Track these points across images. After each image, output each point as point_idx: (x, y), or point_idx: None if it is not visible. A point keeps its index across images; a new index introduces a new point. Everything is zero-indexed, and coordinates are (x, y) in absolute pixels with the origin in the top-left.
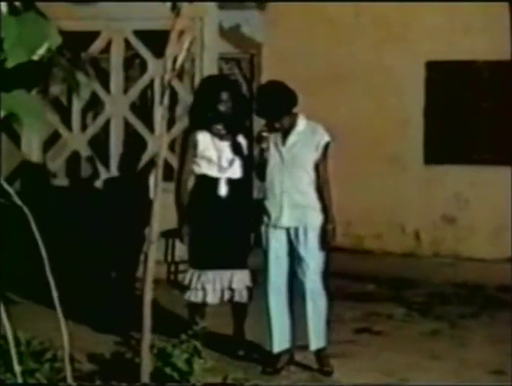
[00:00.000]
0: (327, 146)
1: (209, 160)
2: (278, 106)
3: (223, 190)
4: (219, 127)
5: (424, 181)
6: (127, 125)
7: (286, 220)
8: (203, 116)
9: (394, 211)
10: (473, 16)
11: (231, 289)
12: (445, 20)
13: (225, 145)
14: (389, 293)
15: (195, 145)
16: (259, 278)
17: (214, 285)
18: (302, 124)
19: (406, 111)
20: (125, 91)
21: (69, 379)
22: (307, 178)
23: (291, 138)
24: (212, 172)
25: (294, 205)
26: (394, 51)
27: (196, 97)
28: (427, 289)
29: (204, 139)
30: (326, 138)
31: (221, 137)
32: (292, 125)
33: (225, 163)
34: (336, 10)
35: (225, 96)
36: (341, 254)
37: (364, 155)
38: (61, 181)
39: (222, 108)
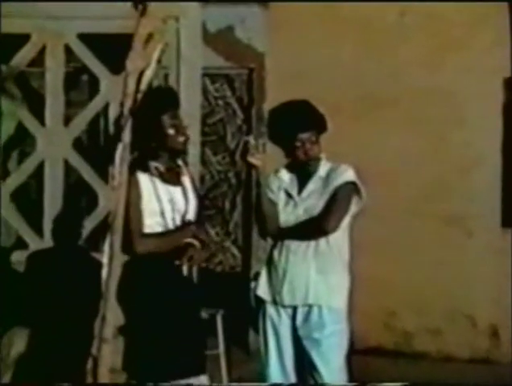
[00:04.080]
0: (346, 188)
1: (153, 214)
2: (303, 130)
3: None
4: (161, 164)
5: (501, 252)
6: (69, 171)
7: (290, 297)
8: (142, 147)
9: (458, 295)
10: None
11: None
12: None
13: (177, 191)
14: None
15: (139, 194)
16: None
17: None
18: (324, 168)
19: (475, 150)
20: (67, 121)
21: None
22: (324, 242)
23: (310, 186)
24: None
25: (303, 276)
26: (456, 64)
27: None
28: None
29: (146, 185)
30: (344, 178)
31: (166, 179)
32: (314, 169)
33: (176, 217)
34: (370, 9)
35: (171, 116)
36: (381, 358)
37: (410, 213)
38: None
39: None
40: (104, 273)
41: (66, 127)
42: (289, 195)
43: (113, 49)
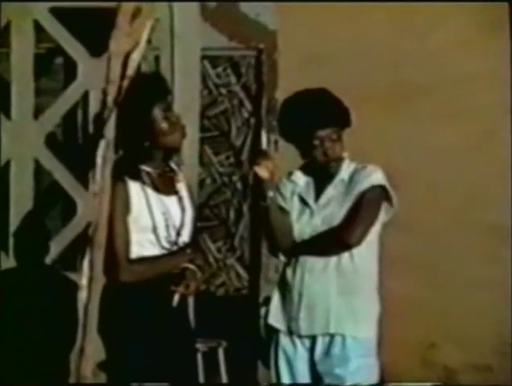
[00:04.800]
0: (373, 193)
1: (144, 230)
2: (322, 126)
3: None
4: (152, 169)
5: None
6: (40, 174)
7: (307, 325)
8: (129, 145)
9: (510, 323)
10: None
11: None
12: None
13: (171, 202)
14: None
15: (127, 206)
16: None
17: None
18: (348, 169)
19: None
20: (37, 114)
21: None
22: (347, 258)
23: (330, 191)
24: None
25: (323, 299)
26: (504, 47)
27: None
28: None
29: (137, 195)
30: (371, 181)
31: (159, 187)
32: (334, 170)
33: (171, 234)
34: None
35: (163, 108)
36: None
37: (451, 223)
38: None
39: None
40: (82, 297)
41: (36, 120)
42: (304, 203)
43: (92, 26)
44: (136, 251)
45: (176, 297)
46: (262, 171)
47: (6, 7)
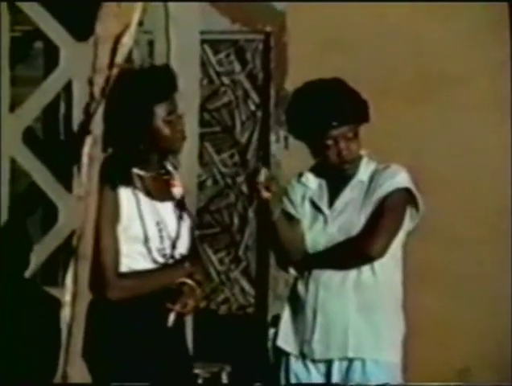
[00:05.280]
0: (397, 197)
1: (134, 241)
2: (337, 123)
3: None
4: (145, 172)
5: None
6: (17, 174)
7: (322, 347)
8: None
9: None
10: None
11: None
12: None
13: (166, 209)
14: None
15: (116, 213)
16: None
17: None
18: (367, 169)
19: None
20: (13, 106)
21: None
22: (368, 271)
23: (347, 195)
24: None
25: (340, 318)
26: None
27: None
28: None
29: (127, 200)
30: (395, 183)
31: (153, 192)
32: (351, 171)
33: (166, 246)
34: None
35: (167, 108)
36: None
37: (486, 232)
38: None
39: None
40: (65, 315)
41: (13, 113)
42: (317, 208)
43: (77, 8)
44: (125, 264)
45: (172, 317)
46: (262, 192)
47: None
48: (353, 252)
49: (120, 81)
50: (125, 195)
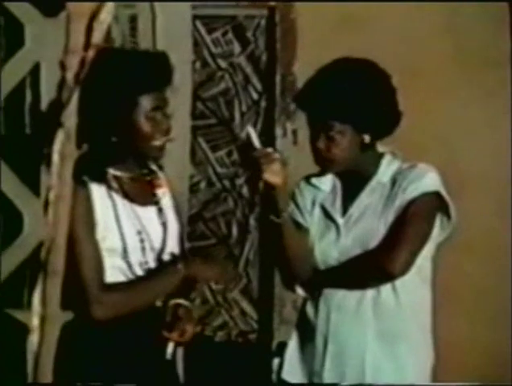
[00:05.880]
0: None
1: (111, 254)
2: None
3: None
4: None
5: None
6: None
7: (335, 379)
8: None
9: None
10: None
11: None
12: None
13: (148, 215)
14: None
15: (92, 223)
16: None
17: None
18: (389, 169)
19: None
20: None
21: None
22: (389, 290)
23: (363, 199)
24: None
25: (355, 346)
26: None
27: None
28: None
29: (102, 204)
30: (422, 186)
31: (132, 195)
32: (370, 170)
33: (149, 259)
34: None
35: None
36: None
37: None
38: None
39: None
40: (32, 342)
41: None
42: (329, 216)
43: None
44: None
45: (170, 348)
46: (272, 176)
47: None
48: (370, 269)
49: (98, 64)
50: (99, 198)
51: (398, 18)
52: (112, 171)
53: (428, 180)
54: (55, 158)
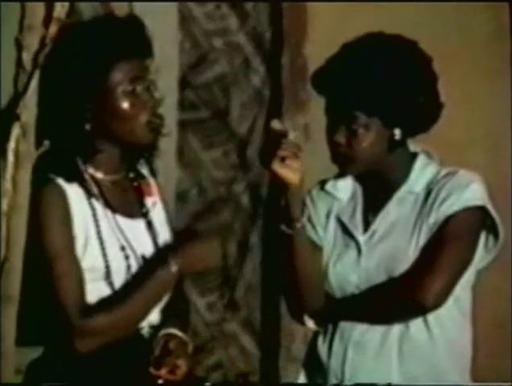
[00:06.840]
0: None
1: (91, 274)
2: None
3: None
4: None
5: None
6: None
7: None
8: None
9: None
10: None
11: None
12: None
13: (135, 228)
14: None
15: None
16: None
17: None
18: (423, 176)
19: None
20: None
21: None
22: (419, 323)
23: (389, 211)
24: None
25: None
26: None
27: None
28: None
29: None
30: (464, 200)
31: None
32: (400, 174)
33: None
34: None
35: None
36: None
37: None
38: None
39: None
40: None
41: None
42: (347, 232)
43: None
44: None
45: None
46: (287, 172)
47: None
48: (398, 299)
49: (62, 42)
50: (78, 203)
51: None
52: (90, 171)
53: (471, 192)
54: (10, 158)
